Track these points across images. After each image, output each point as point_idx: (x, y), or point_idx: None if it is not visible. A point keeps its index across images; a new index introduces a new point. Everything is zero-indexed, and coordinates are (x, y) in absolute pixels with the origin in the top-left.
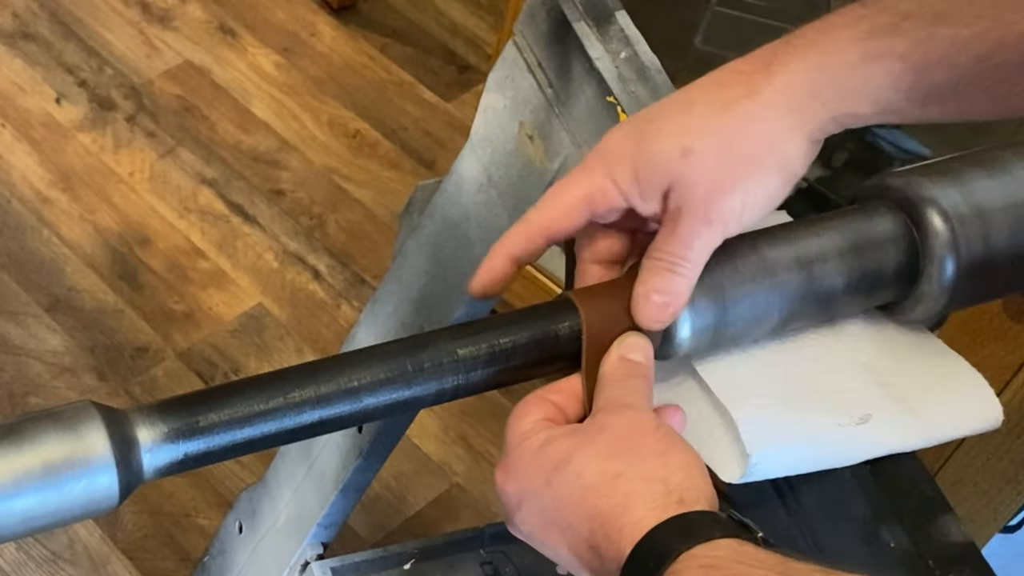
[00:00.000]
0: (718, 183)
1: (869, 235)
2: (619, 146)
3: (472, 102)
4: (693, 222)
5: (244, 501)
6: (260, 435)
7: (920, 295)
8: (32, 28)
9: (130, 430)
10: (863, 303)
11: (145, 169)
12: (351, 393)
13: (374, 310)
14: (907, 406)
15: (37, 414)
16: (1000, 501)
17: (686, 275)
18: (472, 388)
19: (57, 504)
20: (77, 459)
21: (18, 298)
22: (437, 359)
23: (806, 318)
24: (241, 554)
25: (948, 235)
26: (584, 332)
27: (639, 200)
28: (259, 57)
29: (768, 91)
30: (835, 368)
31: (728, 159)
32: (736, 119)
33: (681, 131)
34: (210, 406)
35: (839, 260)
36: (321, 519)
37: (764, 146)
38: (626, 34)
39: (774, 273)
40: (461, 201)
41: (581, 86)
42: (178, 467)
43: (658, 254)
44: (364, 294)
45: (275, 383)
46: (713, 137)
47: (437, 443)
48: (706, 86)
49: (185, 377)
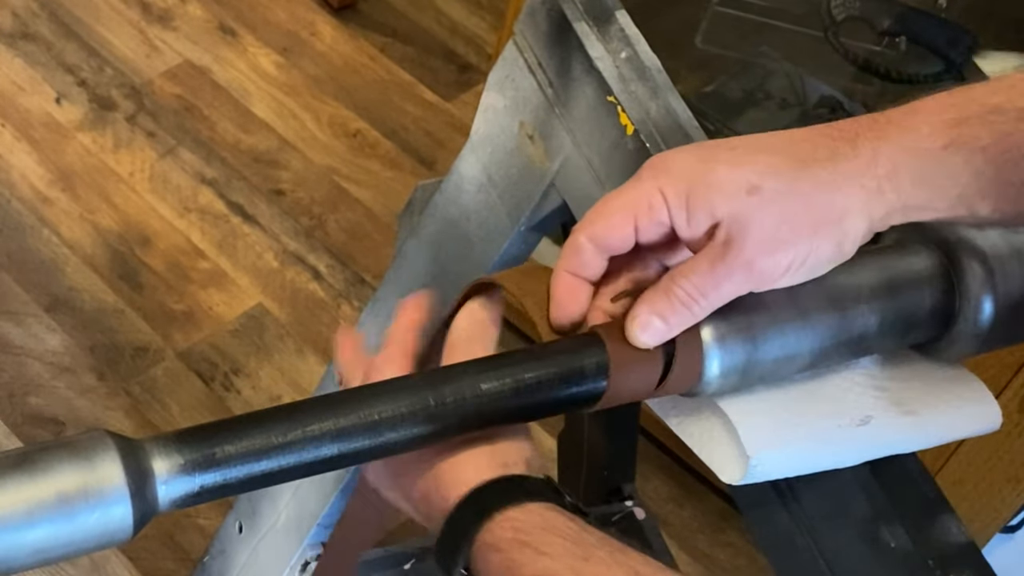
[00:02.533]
0: (774, 235)
1: (904, 274)
2: (680, 164)
3: (472, 102)
4: (734, 266)
5: (244, 501)
6: (278, 468)
7: (955, 336)
8: (32, 28)
9: (146, 461)
10: (896, 343)
11: (145, 169)
12: (371, 427)
13: (374, 310)
14: (906, 408)
15: (51, 444)
16: (1000, 501)
17: (696, 315)
18: (496, 423)
19: (70, 536)
20: (91, 490)
21: (18, 298)
22: (460, 394)
23: (838, 357)
24: (241, 554)
25: (986, 275)
26: (611, 368)
27: (684, 222)
28: (259, 57)
29: (852, 162)
30: (835, 372)
31: (793, 214)
32: (812, 178)
33: (755, 169)
34: (227, 438)
35: (873, 299)
36: (321, 519)
37: (832, 216)
38: (626, 34)
39: (806, 313)
40: (461, 201)
41: (581, 86)
42: (194, 499)
43: (682, 281)
44: (364, 294)
45: (294, 415)
46: (785, 187)
47: None
48: (790, 139)
49: (185, 377)
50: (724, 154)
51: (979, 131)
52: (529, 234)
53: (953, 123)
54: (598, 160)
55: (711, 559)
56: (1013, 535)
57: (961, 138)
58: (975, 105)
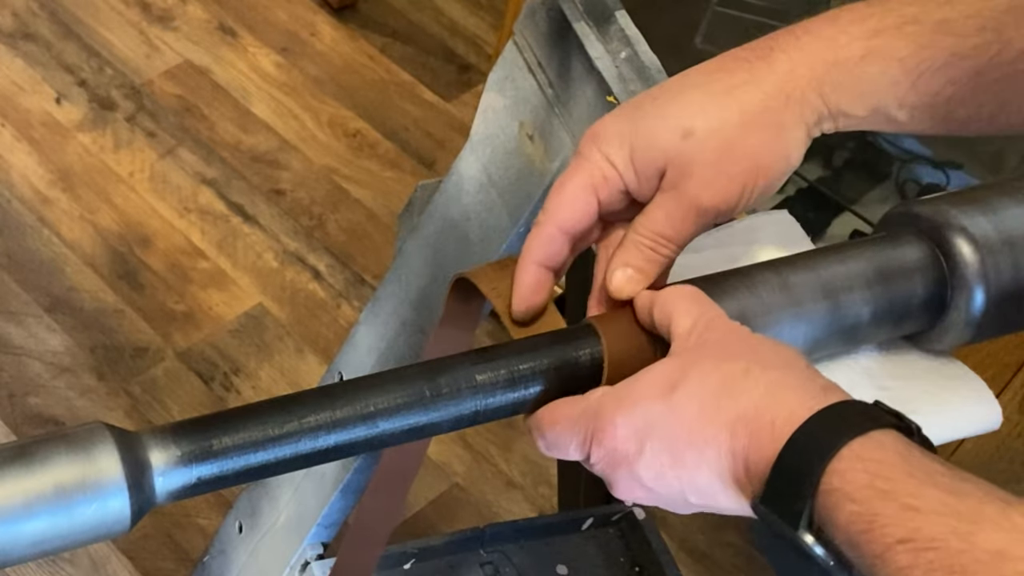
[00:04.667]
0: (718, 170)
1: (896, 264)
2: (613, 128)
3: (472, 102)
4: (686, 206)
5: (244, 501)
6: (274, 459)
7: (948, 325)
8: (32, 28)
9: (143, 453)
10: (889, 333)
11: (145, 169)
12: (367, 418)
13: (374, 310)
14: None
15: (49, 436)
16: None
17: (667, 256)
18: (491, 414)
19: (68, 528)
20: (89, 482)
21: (18, 298)
22: (455, 384)
23: (831, 347)
24: (241, 554)
25: (978, 264)
26: (605, 359)
27: (635, 181)
28: (259, 57)
29: (770, 78)
30: (834, 372)
31: (730, 146)
32: (739, 105)
33: (682, 112)
34: (224, 429)
35: (865, 289)
36: (321, 519)
37: (767, 136)
38: (626, 34)
39: (799, 302)
40: (461, 201)
41: (581, 86)
42: (191, 491)
43: (643, 231)
44: (364, 294)
45: (290, 407)
46: (715, 121)
47: (437, 443)
48: (706, 71)
49: (185, 377)
50: (650, 107)
51: (896, 42)
52: None
53: (871, 33)
54: None
55: (711, 559)
56: None
57: (878, 49)
58: (892, 16)
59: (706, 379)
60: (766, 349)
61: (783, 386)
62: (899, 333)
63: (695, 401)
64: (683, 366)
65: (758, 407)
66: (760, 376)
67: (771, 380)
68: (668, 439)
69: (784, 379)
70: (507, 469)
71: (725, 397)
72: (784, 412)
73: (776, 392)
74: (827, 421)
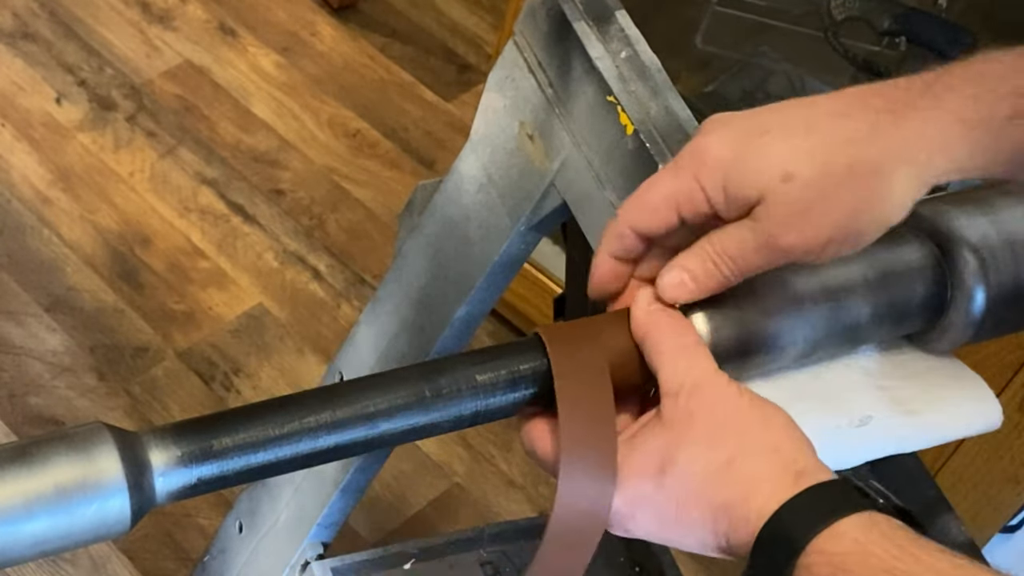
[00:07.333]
0: (807, 218)
1: (896, 265)
2: (716, 153)
3: (472, 102)
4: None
5: (244, 501)
6: (275, 460)
7: (947, 326)
8: (32, 28)
9: (143, 453)
10: (889, 333)
11: (145, 169)
12: (368, 418)
13: (374, 310)
14: (906, 408)
15: (49, 436)
16: (1000, 501)
17: (725, 279)
18: (491, 415)
19: (68, 528)
20: (89, 482)
21: (18, 298)
22: (455, 385)
23: (831, 347)
24: (241, 554)
25: (978, 265)
26: None
27: (722, 205)
28: (259, 57)
29: (895, 137)
30: (834, 372)
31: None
32: (849, 160)
33: (788, 156)
34: (224, 430)
35: (866, 290)
36: (321, 519)
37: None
38: (626, 34)
39: (799, 303)
40: (461, 201)
41: (581, 86)
42: (191, 491)
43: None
44: (364, 294)
45: (290, 407)
46: (819, 169)
47: (437, 443)
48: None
49: (185, 377)
50: (757, 141)
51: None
52: (529, 234)
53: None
54: (598, 160)
55: (711, 559)
56: (1013, 535)
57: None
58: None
59: (692, 466)
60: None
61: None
62: (899, 333)
63: (681, 486)
64: (670, 447)
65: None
66: (741, 467)
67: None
68: (658, 513)
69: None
70: (507, 469)
71: (709, 487)
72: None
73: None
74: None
